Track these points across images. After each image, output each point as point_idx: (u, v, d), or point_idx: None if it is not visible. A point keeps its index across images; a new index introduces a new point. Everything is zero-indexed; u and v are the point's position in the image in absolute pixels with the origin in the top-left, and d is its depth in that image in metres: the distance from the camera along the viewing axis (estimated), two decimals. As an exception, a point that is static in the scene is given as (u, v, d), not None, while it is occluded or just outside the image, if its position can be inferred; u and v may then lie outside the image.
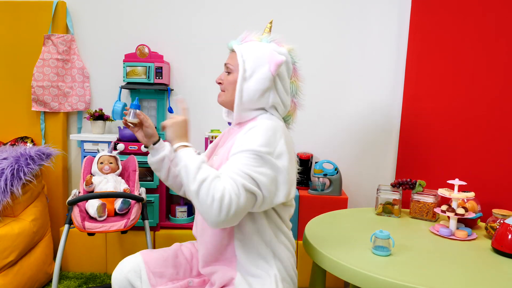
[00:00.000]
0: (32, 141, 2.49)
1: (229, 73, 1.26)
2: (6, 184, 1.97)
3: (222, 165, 1.13)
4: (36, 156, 2.11)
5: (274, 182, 1.11)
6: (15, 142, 2.45)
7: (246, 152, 1.09)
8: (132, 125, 1.37)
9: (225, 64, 1.27)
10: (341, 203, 2.19)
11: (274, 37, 1.29)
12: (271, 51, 1.21)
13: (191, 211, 2.43)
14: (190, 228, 2.35)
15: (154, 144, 1.38)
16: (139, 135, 1.38)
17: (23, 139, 2.48)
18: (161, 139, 1.40)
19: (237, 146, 1.12)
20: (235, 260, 1.20)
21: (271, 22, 1.37)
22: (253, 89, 1.20)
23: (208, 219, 1.04)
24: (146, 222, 1.98)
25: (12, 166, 2.01)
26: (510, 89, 1.96)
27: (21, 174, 2.02)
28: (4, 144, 2.42)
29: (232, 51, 1.27)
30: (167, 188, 2.41)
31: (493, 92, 2.00)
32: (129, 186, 2.11)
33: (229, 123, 1.40)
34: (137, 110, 1.35)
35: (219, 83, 1.28)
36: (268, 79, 1.19)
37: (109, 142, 2.34)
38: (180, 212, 2.37)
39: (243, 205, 1.05)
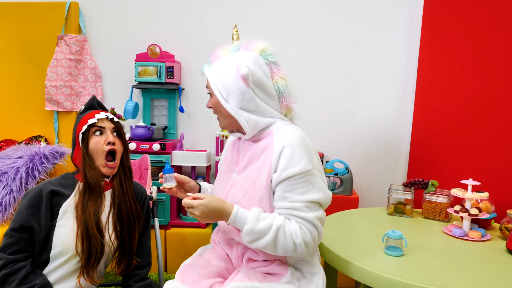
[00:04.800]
0: (45, 140, 2.53)
1: (211, 96, 1.24)
2: (21, 183, 2.01)
3: (255, 184, 1.15)
4: (50, 155, 2.14)
5: (324, 189, 1.18)
6: (29, 141, 2.49)
7: (297, 178, 1.12)
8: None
9: (206, 87, 1.25)
10: (352, 203, 2.17)
11: (241, 43, 1.23)
12: (237, 63, 1.15)
13: (201, 210, 2.44)
14: (201, 227, 2.36)
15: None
16: (181, 195, 1.27)
17: (37, 138, 2.52)
18: (200, 185, 1.36)
19: (282, 172, 1.12)
20: (286, 260, 1.24)
21: (235, 27, 1.29)
22: (238, 107, 1.17)
23: (294, 256, 1.18)
24: (156, 220, 1.99)
25: (27, 164, 2.04)
26: (525, 87, 1.93)
27: (36, 173, 2.05)
28: (19, 143, 2.46)
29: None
30: (178, 187, 2.43)
31: (506, 91, 1.97)
32: (141, 184, 2.12)
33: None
34: (174, 174, 1.26)
35: (210, 107, 1.25)
36: (245, 92, 1.15)
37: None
38: (191, 211, 2.39)
39: (321, 230, 1.16)
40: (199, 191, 1.35)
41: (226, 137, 2.34)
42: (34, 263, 1.23)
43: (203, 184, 1.40)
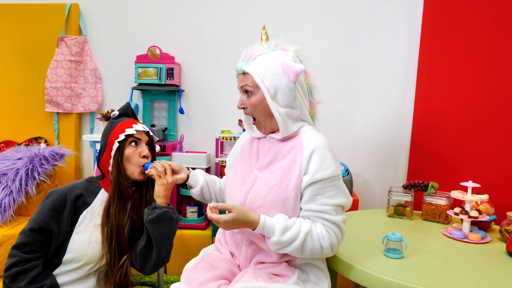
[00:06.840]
0: (45, 141, 2.53)
1: (250, 95, 1.22)
2: (21, 184, 2.00)
3: (281, 183, 1.17)
4: (50, 156, 2.14)
5: (348, 194, 1.23)
6: (29, 142, 2.49)
7: (328, 182, 1.16)
8: (153, 176, 1.28)
9: (242, 87, 1.23)
10: (351, 205, 2.17)
11: (276, 43, 1.25)
12: (283, 61, 1.18)
13: (201, 212, 2.44)
14: (201, 228, 2.36)
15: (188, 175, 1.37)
16: (174, 177, 1.32)
17: (36, 140, 2.52)
18: (190, 169, 1.38)
19: (314, 175, 1.15)
20: (294, 262, 1.25)
21: (264, 28, 1.32)
22: (284, 104, 1.19)
23: (320, 257, 1.22)
24: (157, 222, 1.99)
25: (26, 166, 2.04)
26: (525, 89, 1.93)
27: (35, 174, 2.05)
28: (19, 145, 2.46)
29: (243, 73, 1.22)
30: (178, 189, 2.43)
31: (507, 93, 1.97)
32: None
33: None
34: (152, 163, 1.31)
35: (244, 108, 1.24)
36: (292, 89, 1.19)
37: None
38: (191, 213, 2.38)
39: (344, 231, 1.21)
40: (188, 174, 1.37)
41: (226, 139, 2.34)
42: (47, 263, 1.24)
43: (195, 171, 1.41)
